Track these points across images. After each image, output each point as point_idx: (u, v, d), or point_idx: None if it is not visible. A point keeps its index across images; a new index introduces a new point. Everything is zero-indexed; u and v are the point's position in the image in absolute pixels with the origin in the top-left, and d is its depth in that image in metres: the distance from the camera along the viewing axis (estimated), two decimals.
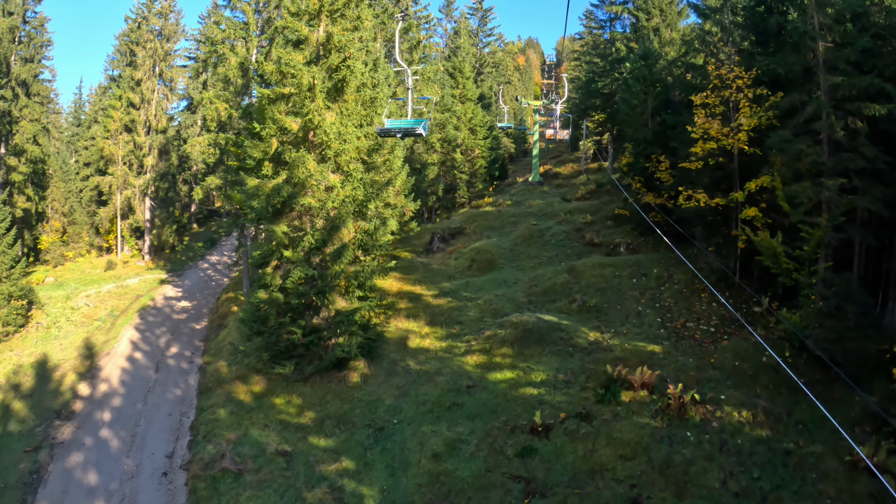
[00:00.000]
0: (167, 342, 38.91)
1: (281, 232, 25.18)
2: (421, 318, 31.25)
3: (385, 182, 26.37)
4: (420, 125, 19.05)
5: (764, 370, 24.44)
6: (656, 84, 37.74)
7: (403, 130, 19.25)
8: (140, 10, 66.76)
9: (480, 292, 33.16)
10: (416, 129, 18.96)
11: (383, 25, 52.11)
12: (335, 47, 26.52)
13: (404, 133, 19.48)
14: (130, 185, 61.65)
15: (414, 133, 19.28)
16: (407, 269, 38.24)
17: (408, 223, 40.64)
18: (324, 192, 24.93)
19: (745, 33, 30.65)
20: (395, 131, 19.46)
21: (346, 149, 25.22)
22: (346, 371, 27.20)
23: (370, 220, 25.45)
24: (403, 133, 19.47)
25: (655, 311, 29.56)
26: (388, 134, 20.17)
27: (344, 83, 25.77)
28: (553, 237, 40.31)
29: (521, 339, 26.77)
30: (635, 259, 34.29)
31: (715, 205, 28.69)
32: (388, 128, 19.89)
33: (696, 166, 29.17)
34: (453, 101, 57.40)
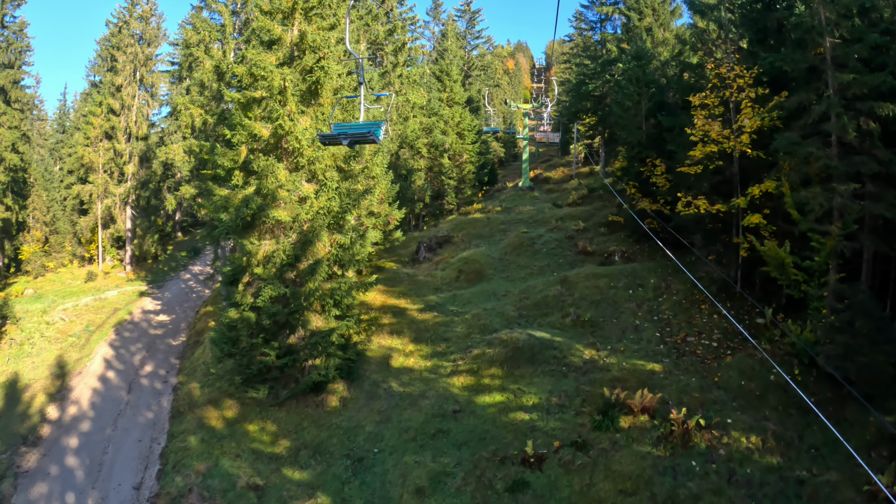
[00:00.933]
0: (142, 360, 37.08)
1: (251, 247, 23.35)
2: (405, 335, 29.43)
3: (363, 191, 24.46)
4: (373, 129, 15.17)
5: (772, 389, 22.74)
6: (650, 85, 36.12)
7: (352, 136, 15.17)
8: (121, 14, 65.09)
9: (468, 306, 31.35)
10: (367, 134, 15.05)
11: (367, 27, 50.38)
12: (309, 47, 24.75)
13: (353, 140, 15.32)
14: (111, 194, 60.04)
15: (365, 139, 15.25)
16: (391, 281, 36.43)
17: (392, 232, 38.84)
18: (296, 204, 23.07)
19: (743, 31, 29.02)
20: (342, 137, 15.32)
21: (321, 156, 23.41)
22: (323, 394, 25.37)
23: (347, 234, 23.56)
24: (352, 140, 15.31)
25: (654, 324, 27.84)
26: (332, 141, 15.84)
27: (318, 85, 23.98)
28: (544, 245, 38.54)
29: (511, 358, 24.94)
30: (631, 268, 32.57)
31: (716, 211, 26.99)
32: (334, 133, 15.71)
33: (694, 170, 27.48)
34: (440, 105, 55.72)
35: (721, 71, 26.52)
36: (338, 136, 15.44)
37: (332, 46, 25.68)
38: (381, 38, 50.31)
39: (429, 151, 53.22)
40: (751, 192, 25.75)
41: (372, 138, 15.31)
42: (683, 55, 38.68)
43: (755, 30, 27.97)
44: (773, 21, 27.78)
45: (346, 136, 15.37)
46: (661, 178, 33.33)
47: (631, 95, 36.01)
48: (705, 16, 30.78)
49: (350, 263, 23.54)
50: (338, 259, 23.16)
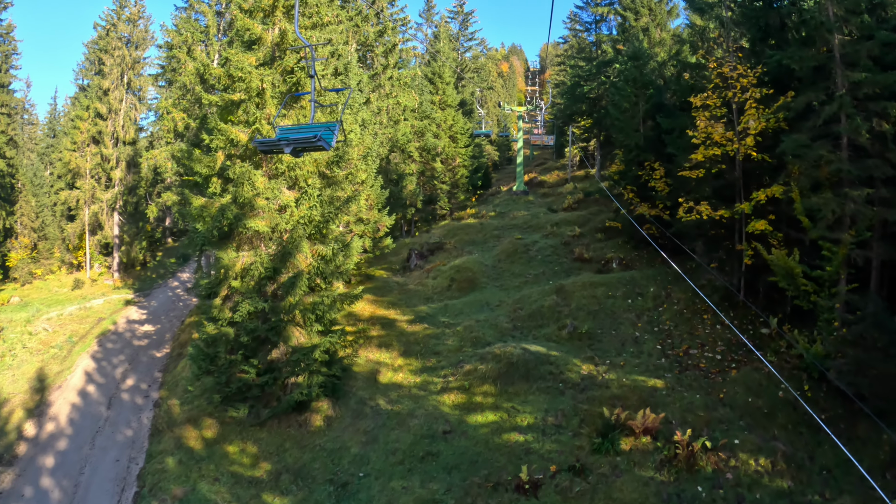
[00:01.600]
0: (124, 373, 35.69)
1: (228, 259, 22.01)
2: (394, 348, 28.09)
3: (348, 198, 23.08)
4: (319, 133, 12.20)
5: (780, 406, 21.49)
6: (648, 86, 34.89)
7: (296, 143, 12.21)
8: (109, 17, 63.94)
9: (460, 317, 30.01)
10: (313, 139, 12.08)
11: (357, 28, 49.12)
12: (290, 47, 23.41)
13: (297, 146, 12.36)
14: (98, 200, 58.90)
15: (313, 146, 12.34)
16: (381, 291, 35.09)
17: (382, 239, 37.56)
18: (276, 213, 21.70)
19: (743, 29, 27.79)
20: (283, 144, 12.29)
21: (303, 161, 22.07)
22: (307, 413, 23.99)
23: (329, 244, 22.19)
24: (296, 147, 12.34)
25: (654, 336, 26.56)
26: (271, 148, 12.80)
27: (299, 86, 22.63)
28: (539, 252, 37.22)
29: (504, 374, 23.57)
30: (629, 276, 31.29)
31: (719, 217, 25.72)
32: (275, 139, 12.56)
33: (696, 174, 26.22)
34: (433, 108, 54.44)
35: (723, 70, 25.27)
36: (278, 142, 12.58)
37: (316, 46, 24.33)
38: (371, 39, 49.04)
39: (421, 155, 51.95)
40: (756, 196, 24.50)
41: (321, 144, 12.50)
42: (682, 55, 37.44)
43: (757, 28, 26.77)
44: (774, 19, 26.63)
45: (287, 142, 12.54)
46: (660, 182, 32.12)
47: (628, 97, 34.79)
48: (705, 14, 29.58)
49: (333, 276, 22.15)
50: (319, 272, 21.77)
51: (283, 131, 13.36)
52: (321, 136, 12.33)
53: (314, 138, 12.20)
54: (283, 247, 21.45)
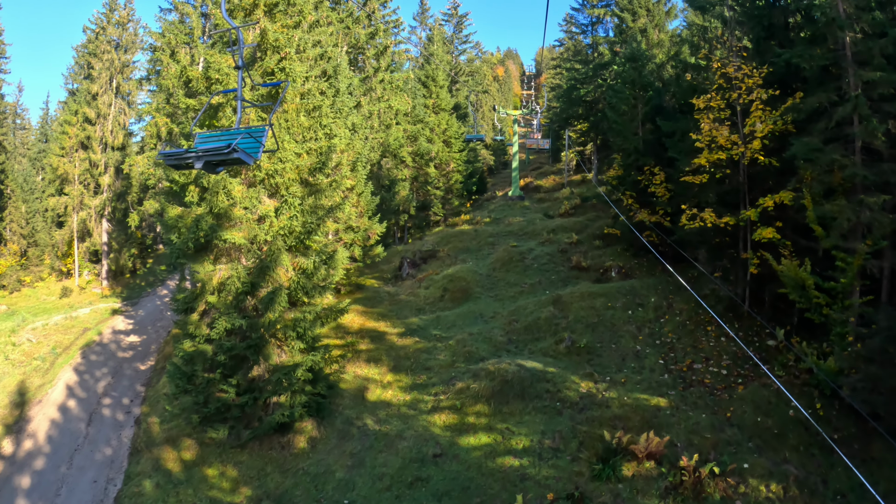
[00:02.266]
0: (106, 387, 34.40)
1: (204, 272, 20.69)
2: (383, 363, 26.75)
3: (332, 207, 21.71)
4: (233, 143, 9.41)
5: (791, 426, 20.18)
6: (647, 88, 33.69)
7: (207, 155, 9.45)
8: (99, 20, 62.99)
9: (452, 330, 28.68)
10: (226, 150, 9.31)
11: (347, 30, 47.89)
12: (271, 47, 22.13)
13: (209, 158, 9.59)
14: (86, 206, 57.94)
15: (229, 159, 9.66)
16: (371, 301, 33.76)
17: (373, 248, 36.25)
18: (254, 224, 20.36)
19: (746, 28, 26.59)
20: (193, 157, 9.51)
21: (283, 169, 20.75)
22: (290, 435, 22.62)
23: (310, 257, 20.83)
24: (207, 160, 9.59)
25: (656, 350, 25.28)
26: (179, 162, 9.91)
27: (279, 89, 21.31)
28: (535, 261, 35.90)
29: (498, 393, 22.19)
30: (629, 286, 30.00)
31: (724, 225, 24.47)
32: (184, 151, 9.74)
33: (699, 180, 24.97)
34: (426, 112, 53.18)
35: (727, 71, 24.04)
36: (184, 154, 9.74)
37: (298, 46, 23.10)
38: (362, 41, 47.80)
39: (414, 160, 50.69)
40: (762, 203, 23.24)
41: (239, 157, 9.76)
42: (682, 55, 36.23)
43: (761, 27, 25.57)
44: (779, 17, 25.48)
45: (197, 154, 9.66)
46: (661, 188, 30.92)
47: (626, 99, 33.58)
48: (706, 12, 28.42)
49: (315, 291, 20.78)
50: (301, 286, 20.39)
51: (202, 139, 10.68)
52: (235, 146, 9.62)
53: (227, 149, 9.41)
54: (261, 260, 20.10)
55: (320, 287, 21.00)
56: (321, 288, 21.04)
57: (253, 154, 10.35)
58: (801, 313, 23.57)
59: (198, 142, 10.65)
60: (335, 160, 34.20)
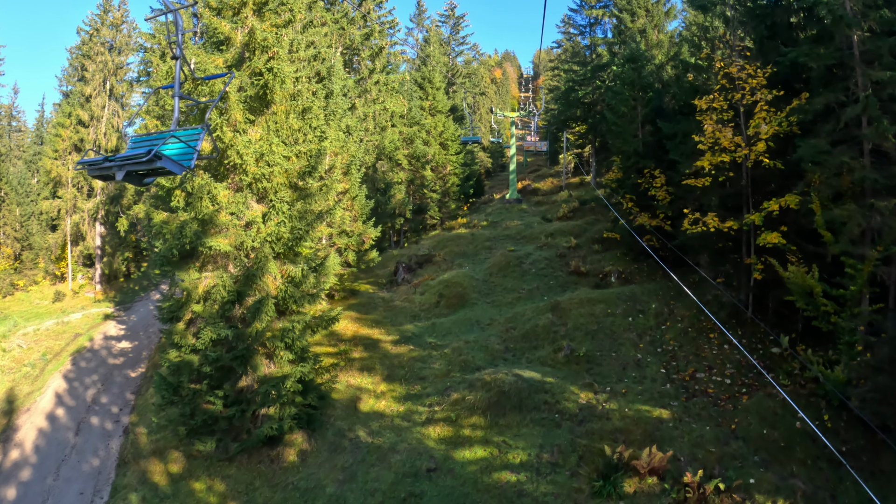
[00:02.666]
0: (95, 394, 33.66)
1: (189, 281, 19.92)
2: (377, 372, 25.98)
3: (319, 213, 20.92)
4: (155, 149, 7.97)
5: (798, 438, 19.47)
6: (647, 89, 32.98)
7: (131, 162, 8.02)
8: (93, 22, 62.50)
9: (448, 337, 27.91)
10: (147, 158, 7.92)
11: (342, 31, 47.16)
12: (259, 47, 21.38)
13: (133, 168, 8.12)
14: (79, 210, 57.40)
15: (153, 169, 8.23)
16: (365, 307, 32.99)
17: (367, 252, 35.46)
18: (241, 230, 19.58)
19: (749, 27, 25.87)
20: (114, 167, 8.10)
21: (271, 173, 19.99)
22: (279, 448, 21.83)
23: (299, 264, 20.04)
24: (130, 168, 8.13)
25: (658, 358, 24.53)
26: (103, 173, 8.45)
27: (267, 90, 20.56)
28: (533, 265, 35.13)
29: (495, 404, 21.40)
30: (629, 291, 29.26)
31: (727, 229, 23.75)
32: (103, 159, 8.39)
33: (702, 183, 24.23)
34: (422, 114, 52.44)
35: (730, 71, 23.33)
36: (102, 163, 8.41)
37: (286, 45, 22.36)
38: (357, 42, 47.05)
39: (410, 163, 49.94)
40: (767, 207, 22.52)
41: (163, 165, 8.40)
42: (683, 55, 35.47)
43: (764, 26, 24.87)
44: (782, 16, 24.81)
45: (116, 164, 8.32)
46: (661, 191, 30.20)
47: (626, 100, 32.86)
48: (707, 11, 27.69)
49: (304, 300, 19.98)
50: (288, 295, 19.58)
51: (133, 144, 9.16)
52: (158, 152, 8.17)
53: (145, 156, 7.84)
54: (246, 268, 19.31)
55: (310, 296, 20.21)
56: (311, 296, 20.25)
57: (184, 162, 8.98)
58: (806, 320, 22.86)
59: (130, 145, 9.34)
60: (328, 163, 33.46)
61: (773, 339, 24.39)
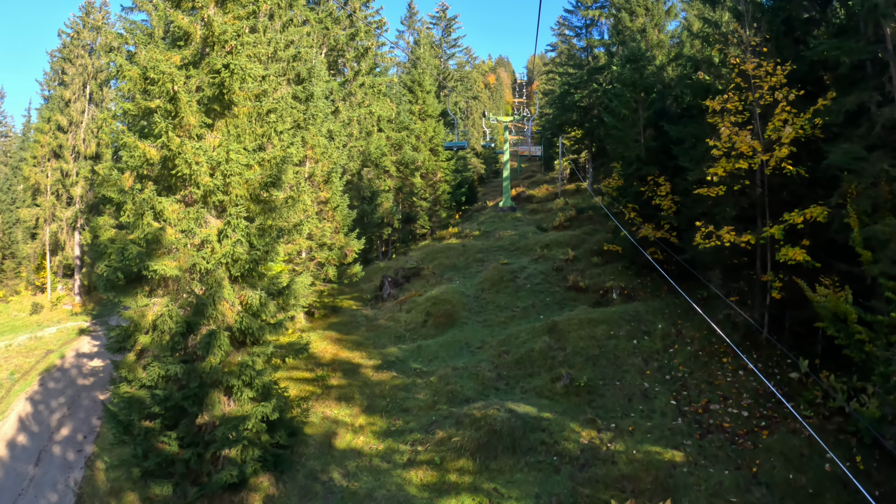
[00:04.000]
0: (60, 419, 31.39)
1: (136, 309, 17.43)
2: (356, 403, 23.47)
3: (283, 229, 18.37)
4: None
5: (828, 483, 17.12)
6: (649, 90, 30.61)
7: None
8: (74, 24, 60.67)
9: (435, 363, 25.39)
10: None
11: (326, 31, 44.78)
12: (218, 41, 18.94)
13: None
14: (58, 218, 55.17)
15: None
16: (347, 327, 30.48)
17: (350, 266, 33.03)
18: (192, 251, 17.08)
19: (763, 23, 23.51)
20: None
21: (229, 184, 17.52)
22: (243, 493, 19.30)
23: (258, 290, 17.48)
24: None
25: (667, 387, 22.09)
26: None
27: (224, 89, 18.09)
28: (528, 280, 32.64)
29: (485, 445, 18.81)
30: (633, 310, 26.82)
31: (745, 243, 21.36)
32: None
33: (716, 192, 21.83)
34: (411, 118, 49.99)
35: (746, 68, 20.93)
36: None
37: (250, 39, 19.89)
38: (341, 43, 44.66)
39: (398, 170, 47.49)
40: (788, 219, 20.14)
41: None
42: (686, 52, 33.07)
43: (780, 20, 22.55)
44: (797, 10, 22.54)
45: None
46: (666, 200, 27.83)
47: (627, 102, 30.46)
48: (717, 4, 25.36)
49: (263, 331, 17.41)
50: (244, 329, 17.01)
51: None
52: None
53: None
54: (197, 296, 16.76)
55: (271, 326, 17.66)
56: (273, 326, 17.70)
57: None
58: (827, 341, 20.63)
59: None
60: (308, 170, 31.05)
61: (791, 362, 22.11)
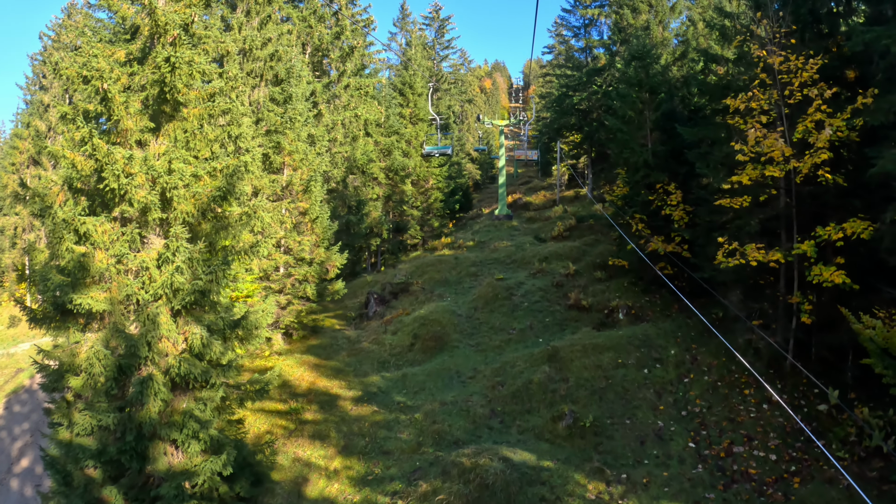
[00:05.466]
0: (22, 449, 29.23)
1: (64, 348, 14.75)
2: (331, 442, 20.71)
3: (224, 256, 15.45)
4: None
5: None
6: (656, 90, 28.01)
7: None
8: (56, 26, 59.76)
9: (421, 395, 22.61)
10: None
11: (310, 30, 42.17)
12: (161, 31, 16.27)
13: None
14: (36, 228, 53.06)
15: None
16: (327, 351, 27.77)
17: (332, 282, 30.34)
18: (127, 279, 14.38)
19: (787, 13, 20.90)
20: None
21: (171, 199, 14.82)
22: None
23: (202, 327, 14.69)
24: None
25: (684, 426, 19.40)
26: None
27: (166, 87, 15.40)
28: (525, 298, 29.86)
29: (476, 502, 16.12)
30: (642, 333, 24.13)
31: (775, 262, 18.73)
32: None
33: (739, 203, 19.15)
34: (402, 122, 47.34)
35: (773, 61, 18.29)
36: None
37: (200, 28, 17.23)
38: (325, 42, 42.02)
39: (387, 177, 44.81)
40: (823, 234, 17.53)
41: None
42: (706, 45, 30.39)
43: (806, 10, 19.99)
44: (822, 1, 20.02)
45: None
46: (678, 210, 25.22)
47: (633, 103, 27.84)
48: None
49: (209, 374, 14.61)
50: (183, 374, 14.23)
51: None
52: None
53: None
54: (127, 335, 14.01)
55: (220, 367, 14.93)
56: (222, 368, 14.97)
57: None
58: (857, 369, 18.27)
59: None
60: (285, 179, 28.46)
61: (819, 392, 19.60)
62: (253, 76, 31.79)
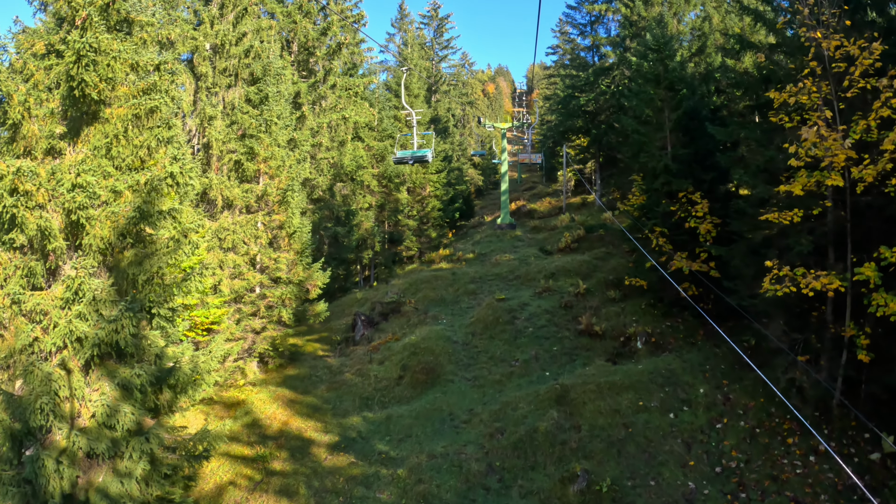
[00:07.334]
0: None
1: None
2: (299, 500, 17.46)
3: (174, 283, 12.32)
4: None
5: None
6: (675, 86, 24.79)
7: None
8: None
9: (406, 444, 19.28)
10: None
11: (294, 25, 39.10)
12: (71, 13, 13.17)
13: None
14: None
15: None
16: (304, 383, 24.52)
17: (314, 303, 27.19)
18: (21, 321, 11.23)
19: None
20: None
21: (76, 222, 11.67)
22: None
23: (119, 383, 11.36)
24: None
25: (719, 487, 16.13)
26: None
27: (73, 83, 12.27)
28: (530, 322, 26.49)
29: None
30: (665, 367, 20.82)
31: (833, 290, 15.48)
32: None
33: (790, 218, 15.84)
34: (396, 126, 44.15)
35: (828, 45, 15.03)
36: None
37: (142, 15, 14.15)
38: (311, 39, 38.90)
39: (380, 184, 41.57)
40: (891, 256, 14.31)
41: None
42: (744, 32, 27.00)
43: None
44: None
45: None
46: (705, 223, 21.99)
47: (650, 101, 24.62)
48: None
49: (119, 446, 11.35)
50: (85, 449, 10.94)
51: None
52: None
53: None
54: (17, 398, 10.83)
55: (135, 437, 11.66)
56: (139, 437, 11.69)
57: None
58: None
59: None
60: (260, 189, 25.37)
61: (871, 437, 16.55)
62: (227, 74, 28.70)
